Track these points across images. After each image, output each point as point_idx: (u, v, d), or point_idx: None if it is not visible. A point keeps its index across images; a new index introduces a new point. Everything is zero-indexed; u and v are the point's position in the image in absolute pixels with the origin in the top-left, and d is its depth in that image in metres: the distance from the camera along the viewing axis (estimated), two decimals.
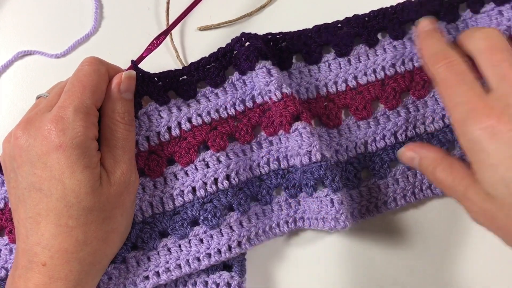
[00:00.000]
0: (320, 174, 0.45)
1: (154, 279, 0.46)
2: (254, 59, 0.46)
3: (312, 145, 0.45)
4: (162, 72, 0.48)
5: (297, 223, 0.48)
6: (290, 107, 0.46)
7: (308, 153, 0.45)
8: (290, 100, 0.46)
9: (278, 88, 0.46)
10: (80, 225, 0.41)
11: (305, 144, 0.45)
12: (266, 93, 0.47)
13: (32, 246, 0.41)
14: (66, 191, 0.40)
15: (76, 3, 0.54)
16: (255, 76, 0.47)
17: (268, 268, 0.50)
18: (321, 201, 0.46)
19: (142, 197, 0.47)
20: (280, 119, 0.46)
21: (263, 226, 0.48)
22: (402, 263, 0.50)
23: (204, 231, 0.46)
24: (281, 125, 0.47)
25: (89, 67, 0.43)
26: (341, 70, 0.49)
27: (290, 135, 0.46)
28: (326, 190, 0.45)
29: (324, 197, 0.45)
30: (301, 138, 0.45)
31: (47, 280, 0.41)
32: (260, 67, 0.47)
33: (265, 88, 0.47)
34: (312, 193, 0.46)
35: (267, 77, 0.46)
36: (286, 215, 0.48)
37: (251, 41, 0.47)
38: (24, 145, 0.41)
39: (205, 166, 0.47)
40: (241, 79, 0.48)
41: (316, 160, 0.45)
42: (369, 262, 0.50)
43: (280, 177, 0.48)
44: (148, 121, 0.47)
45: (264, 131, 0.48)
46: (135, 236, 0.47)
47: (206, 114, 0.47)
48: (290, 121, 0.46)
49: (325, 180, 0.45)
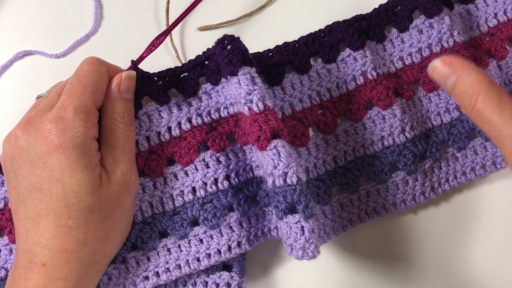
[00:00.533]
0: (293, 199, 0.42)
1: (154, 279, 0.46)
2: (238, 63, 0.44)
3: (289, 166, 0.42)
4: (161, 72, 0.47)
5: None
6: (272, 121, 0.42)
7: (283, 174, 0.42)
8: (271, 114, 0.42)
9: (260, 98, 0.43)
10: (80, 225, 0.41)
11: (282, 164, 0.42)
12: (246, 103, 0.43)
13: (32, 246, 0.41)
14: (66, 191, 0.40)
15: (76, 3, 0.54)
16: (236, 83, 0.44)
17: (268, 268, 0.50)
18: (291, 227, 0.42)
19: (142, 197, 0.47)
20: (258, 134, 0.42)
21: (263, 228, 0.47)
22: (403, 265, 0.50)
23: (204, 231, 0.46)
24: (257, 141, 0.43)
25: (89, 67, 0.43)
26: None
27: (265, 153, 0.43)
28: (297, 216, 0.42)
29: (294, 223, 0.42)
30: (279, 158, 0.42)
31: (47, 280, 0.41)
32: (244, 73, 0.43)
33: (246, 97, 0.43)
34: (282, 217, 0.42)
35: (250, 85, 0.43)
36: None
37: (234, 44, 0.44)
38: (24, 145, 0.41)
39: (205, 166, 0.47)
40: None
41: (291, 183, 0.42)
42: (369, 263, 0.50)
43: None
44: (148, 121, 0.47)
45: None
46: (135, 236, 0.46)
47: (207, 114, 0.47)
48: (269, 137, 0.42)
49: (298, 205, 0.42)
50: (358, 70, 0.48)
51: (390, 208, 0.48)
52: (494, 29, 0.50)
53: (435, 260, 0.50)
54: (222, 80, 0.47)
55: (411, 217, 0.50)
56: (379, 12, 0.49)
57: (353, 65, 0.48)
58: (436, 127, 0.49)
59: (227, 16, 0.53)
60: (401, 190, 0.48)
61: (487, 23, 0.50)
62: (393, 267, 0.50)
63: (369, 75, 0.48)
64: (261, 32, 0.50)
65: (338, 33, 0.48)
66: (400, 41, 0.49)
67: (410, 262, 0.50)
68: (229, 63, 0.44)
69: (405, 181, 0.48)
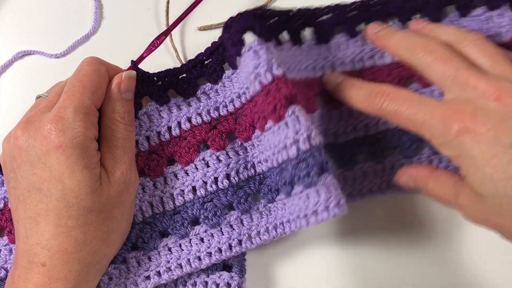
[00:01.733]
0: (322, 159, 0.40)
1: (156, 279, 0.46)
2: (239, 42, 0.43)
3: (310, 128, 0.40)
4: (161, 72, 0.47)
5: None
6: (283, 89, 0.41)
7: (307, 137, 0.40)
8: (282, 82, 0.41)
9: (268, 69, 0.41)
10: (79, 225, 0.41)
11: (303, 128, 0.40)
12: (256, 77, 0.42)
13: (32, 246, 0.41)
14: (66, 191, 0.40)
15: (76, 3, 0.54)
16: (243, 61, 0.43)
17: (268, 268, 0.50)
18: (328, 186, 0.40)
19: (142, 197, 0.47)
20: (273, 103, 0.41)
21: (267, 225, 0.46)
22: (405, 264, 0.50)
23: (204, 230, 0.46)
24: (273, 111, 0.42)
25: (89, 67, 0.43)
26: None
27: (282, 123, 0.41)
28: (326, 174, 0.40)
29: (329, 182, 0.40)
30: (299, 122, 0.40)
31: (47, 280, 0.41)
32: (246, 50, 0.43)
33: (254, 72, 0.42)
34: (316, 182, 0.40)
35: (255, 59, 0.42)
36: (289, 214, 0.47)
37: (235, 23, 0.44)
38: (23, 145, 0.41)
39: (205, 165, 0.47)
40: (236, 72, 0.46)
41: (316, 144, 0.40)
42: (370, 263, 0.50)
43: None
44: (148, 121, 0.47)
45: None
46: (135, 236, 0.46)
47: (206, 113, 0.47)
48: (284, 104, 0.41)
49: (325, 165, 0.40)
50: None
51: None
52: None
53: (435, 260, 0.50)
54: (223, 76, 0.47)
55: (415, 211, 0.50)
56: None
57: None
58: None
59: (227, 16, 0.52)
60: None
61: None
62: (395, 268, 0.50)
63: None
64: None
65: (393, 8, 0.48)
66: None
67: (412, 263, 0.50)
68: (233, 44, 0.43)
69: (429, 160, 0.48)
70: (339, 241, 0.50)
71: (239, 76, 0.46)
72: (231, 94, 0.47)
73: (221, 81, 0.47)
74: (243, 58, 0.43)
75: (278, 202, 0.46)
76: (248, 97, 0.46)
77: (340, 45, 0.49)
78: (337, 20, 0.49)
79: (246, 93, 0.45)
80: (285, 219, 0.45)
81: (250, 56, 0.42)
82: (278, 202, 0.46)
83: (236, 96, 0.47)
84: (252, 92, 0.44)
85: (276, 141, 0.42)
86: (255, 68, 0.42)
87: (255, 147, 0.47)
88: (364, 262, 0.50)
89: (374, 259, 0.50)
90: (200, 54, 0.47)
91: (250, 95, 0.45)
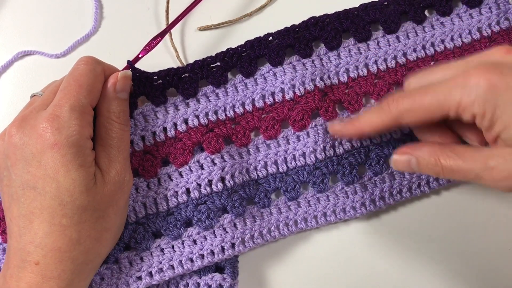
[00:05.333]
0: (334, 167, 0.48)
1: (147, 280, 0.46)
2: (283, 55, 0.49)
3: (327, 140, 0.48)
4: (162, 70, 0.47)
5: (298, 225, 0.48)
6: (311, 103, 0.48)
7: (323, 148, 0.47)
8: (311, 96, 0.48)
9: (301, 83, 0.48)
10: (73, 224, 0.41)
11: (321, 139, 0.47)
12: (290, 88, 0.48)
13: (25, 245, 0.41)
14: (60, 190, 0.40)
15: (76, 3, 0.54)
16: (280, 71, 0.48)
17: (260, 270, 0.50)
18: (346, 191, 0.48)
19: (135, 198, 0.47)
20: (302, 114, 0.48)
21: (260, 229, 0.47)
22: (403, 266, 0.49)
23: (197, 232, 0.46)
24: (300, 120, 0.48)
25: (85, 66, 0.43)
26: (390, 47, 0.50)
27: (303, 132, 0.48)
28: (339, 184, 0.48)
29: (339, 190, 0.48)
30: (318, 134, 0.48)
31: (40, 279, 0.41)
32: (288, 62, 0.49)
33: (290, 82, 0.48)
34: (329, 186, 0.48)
35: (293, 72, 0.48)
36: (286, 218, 0.48)
37: (279, 39, 0.49)
38: (18, 143, 0.41)
39: (200, 167, 0.47)
40: (243, 82, 0.48)
41: (331, 155, 0.48)
42: (367, 265, 0.49)
43: (278, 180, 0.48)
44: (144, 121, 0.47)
45: (263, 134, 0.48)
46: (128, 236, 0.46)
47: (204, 116, 0.47)
48: (310, 115, 0.48)
49: (338, 173, 0.48)
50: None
51: (415, 190, 0.49)
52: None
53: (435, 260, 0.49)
54: (228, 82, 0.48)
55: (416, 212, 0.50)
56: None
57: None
58: None
59: (227, 16, 0.53)
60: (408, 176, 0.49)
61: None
62: (393, 269, 0.49)
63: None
64: (261, 32, 0.49)
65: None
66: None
67: (412, 264, 0.49)
68: (277, 55, 0.48)
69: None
70: (332, 243, 0.50)
71: (247, 88, 0.48)
72: (232, 101, 0.48)
73: (224, 86, 0.48)
74: (279, 69, 0.49)
75: (273, 208, 0.48)
76: (250, 108, 0.48)
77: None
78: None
79: (249, 104, 0.48)
80: (280, 223, 0.48)
81: (289, 69, 0.49)
82: (272, 208, 0.48)
83: (240, 103, 0.48)
84: (260, 105, 0.49)
85: (291, 149, 0.48)
86: (291, 80, 0.48)
87: (251, 154, 0.48)
88: (357, 264, 0.50)
89: (367, 261, 0.49)
90: (210, 57, 0.48)
91: (254, 108, 0.48)
